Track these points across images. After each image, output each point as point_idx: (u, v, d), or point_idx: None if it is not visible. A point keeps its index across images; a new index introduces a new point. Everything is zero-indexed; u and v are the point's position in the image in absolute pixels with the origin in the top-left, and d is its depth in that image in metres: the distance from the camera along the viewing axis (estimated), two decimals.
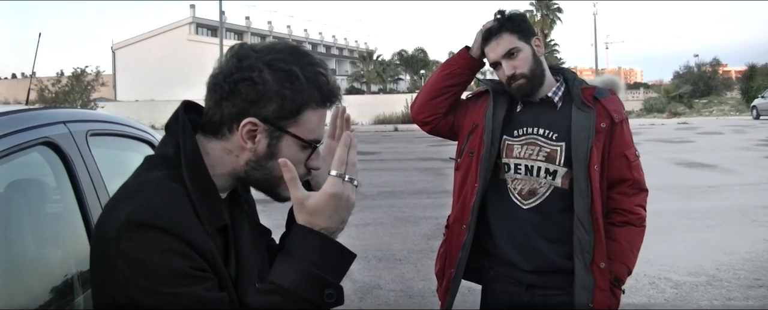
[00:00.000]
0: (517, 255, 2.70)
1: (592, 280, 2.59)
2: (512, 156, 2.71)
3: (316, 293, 1.30)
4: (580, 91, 2.67)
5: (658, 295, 5.91)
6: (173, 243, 1.25)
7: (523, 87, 2.65)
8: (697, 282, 6.24)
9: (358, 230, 8.71)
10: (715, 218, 9.13)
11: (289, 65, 1.37)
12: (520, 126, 2.72)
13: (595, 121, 2.61)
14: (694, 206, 10.03)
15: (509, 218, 2.72)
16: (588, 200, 2.58)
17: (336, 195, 1.34)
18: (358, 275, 6.64)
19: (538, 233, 2.67)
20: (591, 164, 2.57)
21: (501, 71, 2.68)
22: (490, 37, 2.67)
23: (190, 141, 1.40)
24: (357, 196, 1.40)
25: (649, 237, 8.47)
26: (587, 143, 2.59)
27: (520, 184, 2.69)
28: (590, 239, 2.58)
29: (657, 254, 7.23)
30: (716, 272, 6.53)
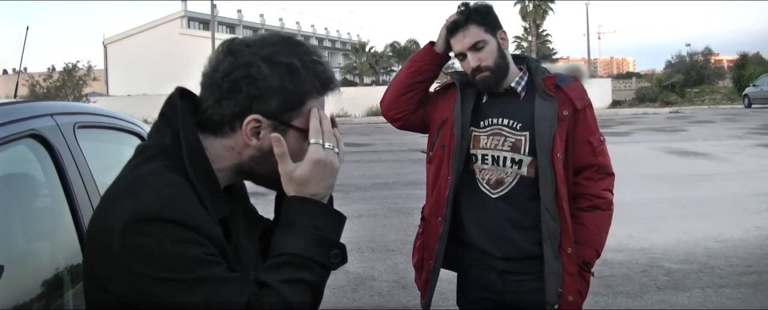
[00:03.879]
0: (489, 243, 2.76)
1: (560, 265, 2.66)
2: (479, 147, 2.76)
3: (324, 254, 1.35)
4: (542, 81, 2.71)
5: (650, 283, 5.93)
6: (186, 233, 1.24)
7: (488, 79, 2.69)
8: (690, 269, 6.26)
9: (351, 221, 8.67)
10: (707, 206, 9.17)
11: (287, 57, 1.36)
12: (486, 117, 2.77)
13: (557, 109, 2.66)
14: (686, 194, 10.06)
15: (480, 207, 2.78)
16: (553, 188, 2.64)
17: (320, 161, 1.37)
18: (352, 267, 6.65)
19: (508, 221, 2.73)
20: (554, 153, 2.63)
21: (466, 63, 2.71)
22: (457, 29, 2.68)
23: (191, 131, 1.38)
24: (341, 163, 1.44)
25: (642, 226, 8.56)
26: (550, 132, 2.64)
27: (488, 174, 2.75)
28: (557, 226, 2.65)
29: (650, 243, 7.27)
30: (708, 260, 6.56)
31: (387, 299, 5.71)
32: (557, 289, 2.66)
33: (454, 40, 2.71)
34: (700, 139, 18.48)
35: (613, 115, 33.10)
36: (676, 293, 5.66)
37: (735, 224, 8.02)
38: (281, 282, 1.31)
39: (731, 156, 14.37)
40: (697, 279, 6.00)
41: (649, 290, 5.76)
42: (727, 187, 10.59)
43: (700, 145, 16.91)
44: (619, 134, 21.22)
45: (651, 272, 6.23)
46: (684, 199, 9.68)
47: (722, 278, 5.99)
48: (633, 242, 7.29)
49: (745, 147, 16.07)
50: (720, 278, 5.99)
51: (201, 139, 1.40)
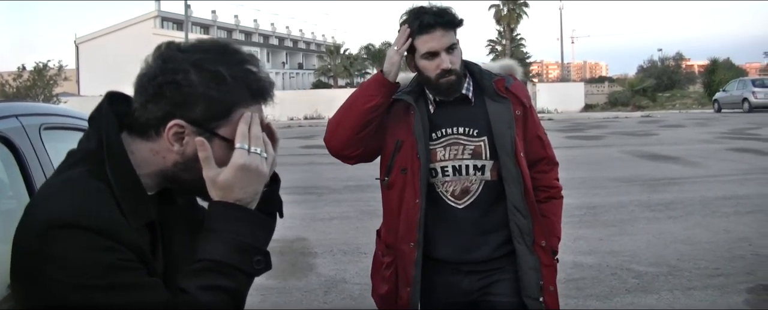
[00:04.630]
0: (461, 254, 2.74)
1: (537, 259, 2.72)
2: (437, 160, 2.71)
3: (245, 261, 1.34)
4: (493, 83, 2.70)
5: (620, 285, 5.98)
6: (99, 240, 1.23)
7: (454, 84, 2.64)
8: (659, 272, 6.33)
9: (324, 223, 8.70)
10: (677, 209, 9.27)
11: (215, 65, 1.35)
12: (438, 128, 2.71)
13: (512, 109, 2.69)
14: (657, 197, 10.17)
15: (447, 221, 2.73)
16: (521, 187, 2.68)
17: (244, 166, 1.35)
18: (323, 269, 6.65)
19: (477, 229, 2.73)
20: (517, 152, 2.66)
21: (432, 63, 2.61)
22: (435, 27, 2.59)
23: (114, 136, 1.37)
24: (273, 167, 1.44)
25: (612, 228, 8.64)
26: (510, 133, 2.66)
27: (452, 185, 2.71)
28: (528, 222, 2.70)
29: (620, 246, 7.34)
30: (677, 262, 6.63)
31: (359, 302, 5.70)
32: (538, 282, 2.71)
33: (428, 36, 2.60)
34: (671, 143, 18.70)
35: (585, 118, 33.41)
36: (645, 296, 5.71)
37: (704, 227, 8.12)
38: (199, 289, 1.30)
39: (701, 160, 14.54)
40: (666, 282, 6.06)
41: (618, 292, 5.81)
42: (697, 190, 10.72)
43: (671, 149, 17.10)
44: (591, 138, 21.44)
45: (621, 274, 6.29)
46: (654, 202, 9.78)
47: (691, 281, 6.06)
48: (603, 245, 7.35)
49: (714, 151, 16.27)
50: (688, 281, 6.05)
51: (128, 142, 1.39)
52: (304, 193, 11.13)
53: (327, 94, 41.05)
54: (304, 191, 11.33)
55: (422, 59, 2.64)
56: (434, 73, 2.62)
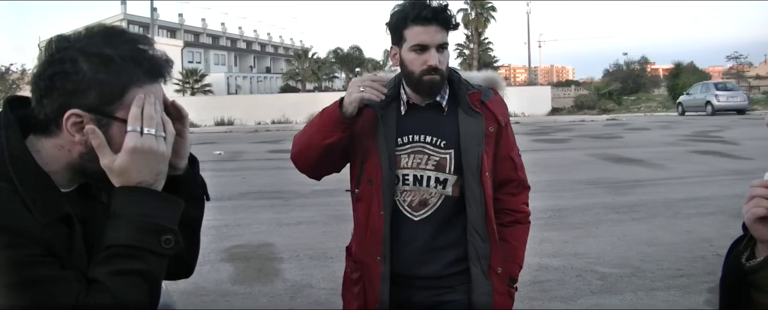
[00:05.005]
0: (412, 267, 2.60)
1: (490, 285, 2.58)
2: (399, 167, 2.57)
3: (153, 241, 1.33)
4: (468, 97, 2.57)
5: (584, 287, 6.03)
6: (2, 238, 1.22)
7: (437, 84, 2.51)
8: (623, 273, 6.39)
9: (291, 228, 8.66)
10: (641, 211, 9.37)
11: (101, 48, 1.34)
12: (405, 133, 2.58)
13: (484, 126, 2.56)
14: (621, 200, 10.28)
15: (402, 232, 2.59)
16: (482, 208, 2.55)
17: (136, 149, 1.34)
18: (290, 274, 6.62)
19: (432, 244, 2.58)
20: (483, 172, 2.53)
21: (423, 56, 2.48)
22: (432, 21, 2.47)
23: (13, 136, 1.36)
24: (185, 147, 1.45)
25: (578, 231, 8.70)
26: (478, 150, 2.54)
27: (410, 195, 2.58)
28: (486, 246, 2.57)
29: (585, 247, 7.40)
30: (641, 264, 6.71)
31: (325, 306, 5.68)
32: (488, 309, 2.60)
33: (423, 29, 2.46)
34: (636, 146, 18.92)
35: (552, 122, 33.67)
36: (609, 297, 5.77)
37: (667, 229, 8.23)
38: (109, 275, 1.29)
39: (665, 162, 14.73)
40: (630, 283, 6.12)
41: (583, 294, 5.86)
42: (660, 192, 10.85)
43: (636, 151, 17.30)
44: (557, 141, 21.62)
45: (585, 276, 6.34)
46: (619, 204, 9.88)
47: (654, 282, 6.13)
48: (568, 247, 7.41)
49: (678, 153, 16.49)
50: (651, 282, 6.13)
51: (34, 142, 1.38)
52: (271, 197, 11.08)
53: (295, 99, 40.94)
54: (271, 195, 11.28)
55: (411, 52, 2.50)
56: (420, 69, 2.49)
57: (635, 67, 57.39)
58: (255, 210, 10.04)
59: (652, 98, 49.94)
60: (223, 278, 6.61)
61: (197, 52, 64.81)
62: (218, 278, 6.61)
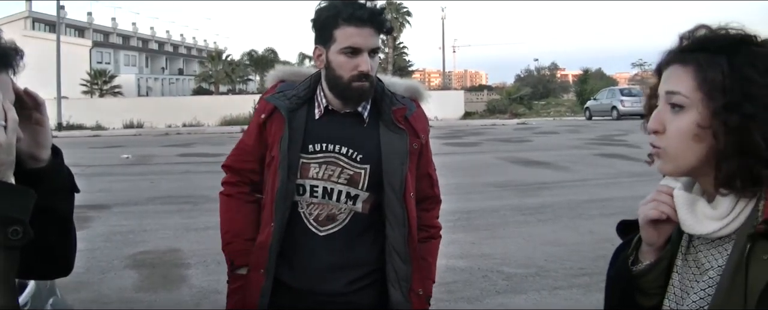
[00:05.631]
0: (314, 284, 2.45)
1: (411, 307, 2.46)
2: (308, 177, 2.40)
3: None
4: (393, 112, 2.40)
5: (490, 287, 6.14)
6: None
7: (366, 91, 2.34)
8: (527, 273, 6.54)
9: (198, 234, 8.50)
10: (546, 212, 9.61)
11: None
12: (318, 141, 2.39)
13: (408, 143, 2.41)
14: (528, 202, 10.52)
15: (304, 247, 2.43)
16: (405, 229, 2.41)
17: None
18: (196, 280, 6.50)
19: (334, 261, 2.43)
20: (407, 192, 2.39)
21: (354, 60, 2.30)
22: (367, 23, 2.30)
23: None
24: (12, 138, 1.30)
25: (485, 232, 8.81)
26: (402, 170, 2.39)
27: (317, 209, 2.41)
28: (407, 268, 2.43)
29: (492, 249, 7.54)
30: (545, 263, 6.87)
31: None
32: None
33: (356, 30, 2.28)
34: (544, 149, 19.38)
35: (464, 126, 34.22)
36: (514, 296, 5.89)
37: (571, 229, 8.46)
38: None
39: (571, 165, 15.16)
40: (534, 282, 6.27)
41: (488, 294, 5.96)
42: (566, 194, 11.16)
43: (543, 154, 17.72)
44: (468, 145, 21.98)
45: (491, 276, 6.45)
46: (525, 206, 10.11)
47: (557, 281, 6.29)
48: (475, 249, 7.53)
49: (584, 157, 16.99)
50: (555, 281, 6.29)
51: None
52: (179, 202, 10.85)
53: (207, 101, 40.34)
54: (179, 200, 11.05)
55: (341, 54, 2.30)
56: (349, 74, 2.30)
57: (545, 73, 59.12)
58: (162, 215, 9.80)
59: (561, 103, 51.48)
60: (127, 286, 6.43)
61: (106, 53, 63.02)
62: (122, 286, 6.43)
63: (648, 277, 1.42)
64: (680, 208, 1.34)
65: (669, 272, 1.42)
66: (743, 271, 1.21)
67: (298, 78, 2.52)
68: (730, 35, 1.29)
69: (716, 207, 1.29)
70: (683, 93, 1.28)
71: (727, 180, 1.25)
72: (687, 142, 1.28)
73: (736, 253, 1.25)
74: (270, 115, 2.42)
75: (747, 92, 1.22)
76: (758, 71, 1.23)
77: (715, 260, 1.30)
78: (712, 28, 1.32)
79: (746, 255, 1.22)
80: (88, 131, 33.60)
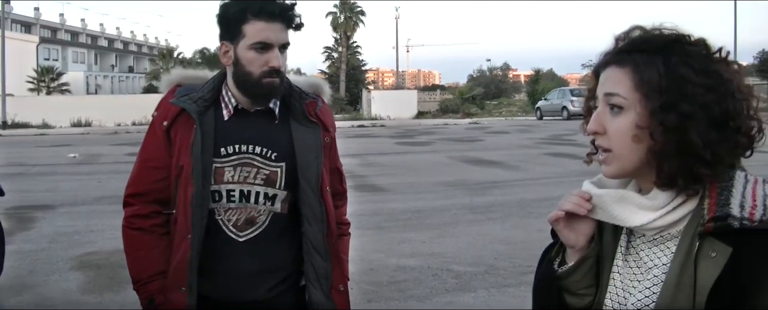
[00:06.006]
0: (236, 294, 2.35)
1: (333, 305, 2.41)
2: (223, 181, 2.29)
3: None
4: (305, 106, 2.35)
5: (440, 285, 6.18)
6: None
7: (277, 88, 2.26)
8: (477, 271, 6.59)
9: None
10: (497, 211, 9.71)
11: None
12: (230, 143, 2.30)
13: (321, 137, 2.37)
14: (478, 200, 10.60)
15: (223, 255, 2.32)
16: (324, 226, 2.36)
17: None
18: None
19: (257, 266, 2.34)
20: (324, 187, 2.34)
21: (264, 56, 2.22)
22: (277, 18, 2.22)
23: None
24: None
25: (436, 231, 8.84)
26: (317, 164, 2.33)
27: (235, 214, 2.31)
28: (327, 265, 2.38)
29: (442, 247, 7.58)
30: (494, 261, 6.94)
31: None
32: None
33: (267, 25, 2.20)
34: (495, 149, 19.59)
35: (416, 125, 34.37)
36: (463, 295, 5.93)
37: (520, 228, 8.55)
38: None
39: (521, 164, 15.34)
40: (484, 280, 6.32)
41: (438, 292, 6.00)
42: (516, 193, 11.28)
43: (494, 154, 17.91)
44: (420, 144, 22.06)
45: (441, 275, 6.49)
46: (476, 205, 10.20)
47: (506, 278, 6.35)
48: (426, 248, 7.57)
49: (534, 156, 17.21)
50: (504, 279, 6.35)
51: None
52: None
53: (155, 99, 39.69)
54: None
55: (250, 50, 2.21)
56: (260, 70, 2.21)
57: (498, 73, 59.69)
58: (110, 215, 9.58)
59: (513, 103, 52.03)
60: (72, 288, 6.30)
61: (54, 49, 61.82)
62: (67, 288, 6.31)
63: (573, 277, 1.45)
64: (608, 205, 1.36)
65: (598, 273, 1.44)
66: (691, 269, 1.24)
67: (196, 81, 2.41)
68: (665, 35, 1.31)
69: (652, 198, 1.31)
70: (621, 94, 1.30)
71: (668, 180, 1.28)
72: (628, 143, 1.30)
73: (682, 251, 1.27)
74: (174, 120, 2.29)
75: (683, 92, 1.25)
76: (693, 70, 1.26)
77: (659, 259, 1.32)
78: (647, 29, 1.34)
79: (695, 253, 1.24)
80: (34, 130, 32.89)
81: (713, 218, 1.23)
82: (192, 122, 2.25)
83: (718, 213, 1.23)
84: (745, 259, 1.20)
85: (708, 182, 1.27)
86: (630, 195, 1.34)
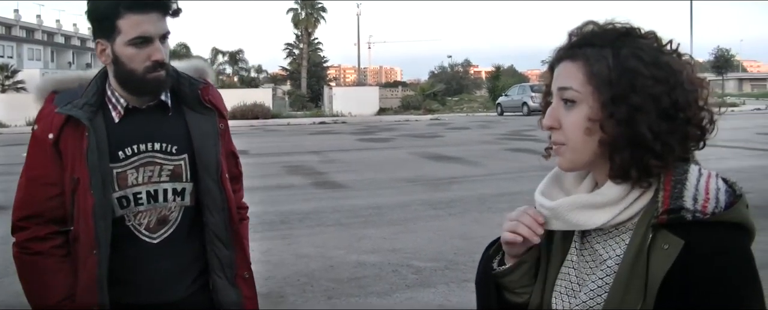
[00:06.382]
0: (154, 297, 2.25)
1: (239, 294, 2.35)
2: (127, 185, 2.18)
3: None
4: (199, 91, 2.26)
5: (400, 281, 6.19)
6: None
7: (164, 81, 2.15)
8: (437, 267, 6.62)
9: None
10: (456, 207, 9.75)
11: None
12: (127, 144, 2.18)
13: (216, 122, 2.30)
14: (439, 196, 10.64)
15: (138, 261, 2.22)
16: (226, 214, 2.29)
17: None
18: None
19: (174, 265, 2.27)
20: (222, 173, 2.28)
21: (146, 51, 2.09)
22: (152, 8, 2.08)
23: None
24: None
25: (396, 227, 8.84)
26: (215, 151, 2.27)
27: (146, 216, 2.21)
28: (231, 254, 2.32)
29: (402, 243, 7.58)
30: (454, 257, 6.97)
31: None
32: None
33: (143, 17, 2.07)
34: (455, 145, 19.68)
35: (378, 122, 34.38)
36: (423, 290, 5.95)
37: (480, 223, 8.59)
38: None
39: (481, 160, 15.42)
40: (443, 275, 6.35)
41: (398, 288, 6.00)
42: (476, 188, 11.35)
43: (455, 150, 17.98)
44: (381, 140, 22.08)
45: (401, 271, 6.51)
46: (436, 200, 10.22)
47: (466, 273, 6.36)
48: (386, 244, 7.58)
49: (494, 151, 17.32)
50: (464, 273, 6.36)
51: None
52: None
53: None
54: None
55: (129, 46, 2.08)
56: (143, 66, 2.10)
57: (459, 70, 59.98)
58: None
59: (474, 99, 52.29)
60: None
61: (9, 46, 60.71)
62: (20, 290, 6.15)
63: (510, 277, 1.48)
64: (565, 214, 1.37)
65: (537, 271, 1.48)
66: (644, 260, 1.25)
67: (71, 85, 2.27)
68: (616, 29, 1.33)
69: (606, 195, 1.33)
70: (574, 88, 1.31)
71: (621, 172, 1.29)
72: (581, 136, 1.31)
73: (635, 242, 1.28)
74: (60, 131, 2.13)
75: (633, 84, 1.26)
76: (644, 63, 1.27)
77: (613, 250, 1.33)
78: (600, 24, 1.35)
79: (648, 245, 1.25)
80: None
81: (667, 210, 1.24)
82: (83, 130, 2.12)
83: (672, 205, 1.24)
84: (697, 251, 1.21)
85: (661, 175, 1.28)
86: (583, 199, 1.35)
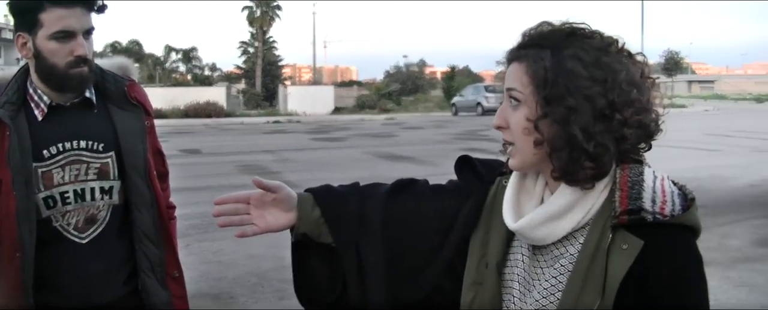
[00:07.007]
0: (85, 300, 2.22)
1: (169, 294, 2.33)
2: (53, 185, 2.15)
3: None
4: (126, 89, 2.25)
5: None
6: None
7: (87, 77, 2.12)
8: None
9: None
10: None
11: None
12: (52, 143, 2.15)
13: (143, 119, 2.28)
14: None
15: (67, 261, 2.19)
16: (154, 212, 2.27)
17: None
18: None
19: (104, 265, 2.23)
20: (150, 171, 2.26)
21: (68, 45, 2.06)
22: (75, 2, 2.06)
23: None
24: None
25: None
26: (142, 148, 2.25)
27: (74, 216, 2.18)
28: (160, 253, 2.30)
29: None
30: None
31: None
32: None
33: (66, 11, 2.04)
34: (409, 144, 19.74)
35: (333, 121, 34.32)
36: None
37: None
38: None
39: (435, 159, 15.46)
40: None
41: None
42: None
43: (409, 149, 18.04)
44: (335, 140, 22.03)
45: None
46: None
47: None
48: None
49: (448, 151, 17.35)
50: None
51: None
52: None
53: None
54: None
55: (51, 40, 2.05)
56: (65, 61, 2.07)
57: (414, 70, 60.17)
58: None
59: (429, 99, 52.39)
60: None
61: None
62: None
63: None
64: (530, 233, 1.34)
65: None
66: (603, 259, 1.24)
67: None
68: (560, 29, 1.32)
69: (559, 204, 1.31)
70: (518, 89, 1.31)
71: (562, 173, 1.28)
72: (523, 136, 1.31)
73: (592, 241, 1.28)
74: None
75: (568, 85, 1.26)
76: (583, 63, 1.26)
77: (566, 249, 1.32)
78: (554, 24, 1.35)
79: (607, 245, 1.25)
80: None
81: (626, 210, 1.24)
82: (4, 128, 2.07)
83: (631, 206, 1.24)
84: (656, 252, 1.22)
85: (616, 175, 1.28)
86: (540, 215, 1.33)
